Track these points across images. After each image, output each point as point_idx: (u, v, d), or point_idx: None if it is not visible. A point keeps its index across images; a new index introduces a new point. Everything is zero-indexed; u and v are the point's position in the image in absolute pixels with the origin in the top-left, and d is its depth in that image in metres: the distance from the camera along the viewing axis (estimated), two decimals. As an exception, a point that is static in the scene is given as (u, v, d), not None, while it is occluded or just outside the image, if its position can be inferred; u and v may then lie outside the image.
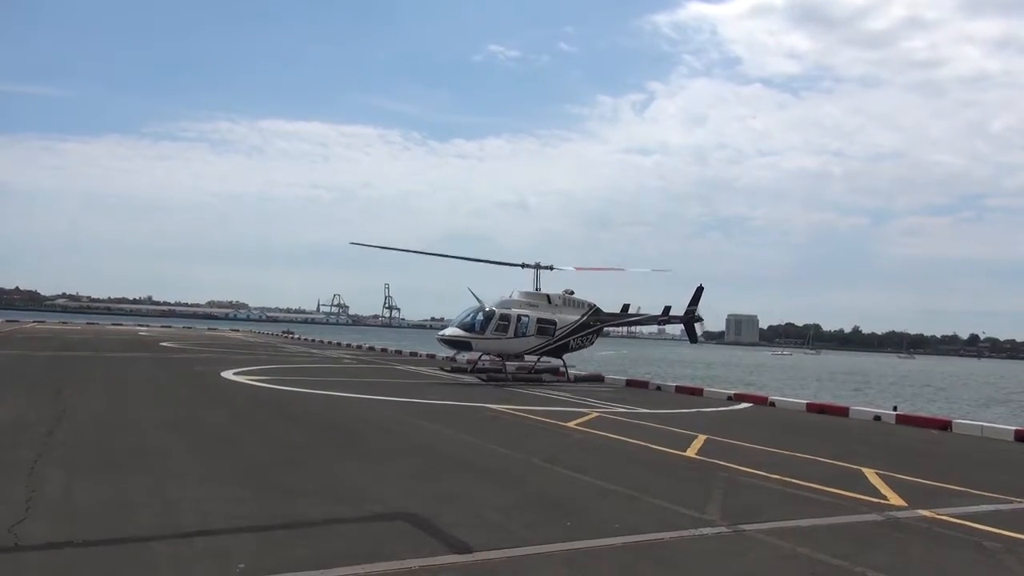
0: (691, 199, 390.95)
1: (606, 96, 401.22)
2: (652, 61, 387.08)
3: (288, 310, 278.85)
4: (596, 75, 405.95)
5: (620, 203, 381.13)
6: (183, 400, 17.98)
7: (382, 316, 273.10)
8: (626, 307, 31.76)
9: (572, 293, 29.79)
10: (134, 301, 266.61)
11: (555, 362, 29.85)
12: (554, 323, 28.31)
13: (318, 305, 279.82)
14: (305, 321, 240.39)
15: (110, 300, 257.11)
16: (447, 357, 30.44)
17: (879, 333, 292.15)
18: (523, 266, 29.44)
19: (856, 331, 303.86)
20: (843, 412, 22.05)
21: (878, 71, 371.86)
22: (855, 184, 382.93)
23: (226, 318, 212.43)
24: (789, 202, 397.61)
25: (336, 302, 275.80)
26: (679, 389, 28.16)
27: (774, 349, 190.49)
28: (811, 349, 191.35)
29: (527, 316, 27.63)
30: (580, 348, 30.01)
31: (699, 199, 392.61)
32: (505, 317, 27.13)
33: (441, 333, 27.79)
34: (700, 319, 32.62)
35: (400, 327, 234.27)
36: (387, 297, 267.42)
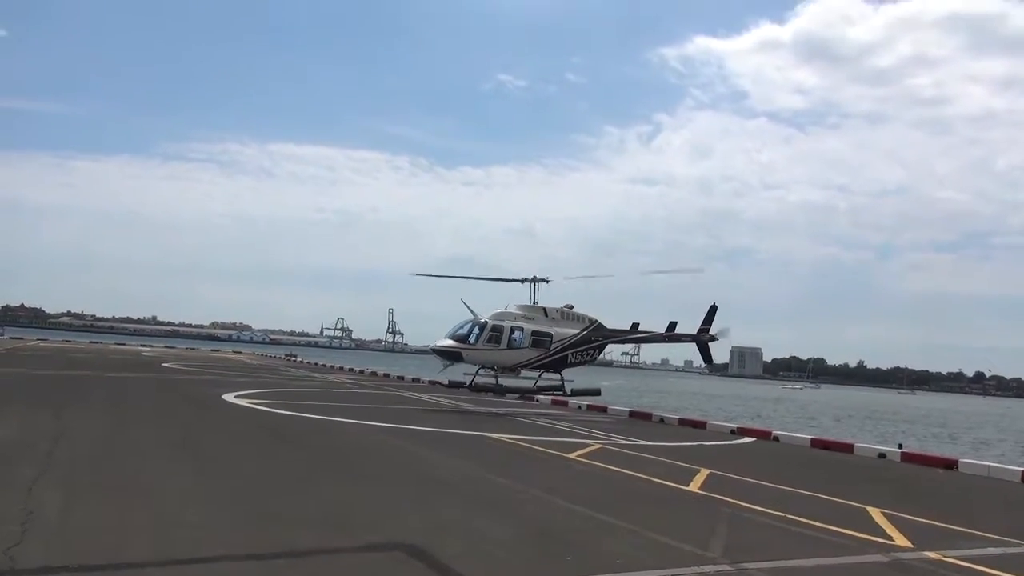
0: (696, 230, 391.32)
1: (613, 127, 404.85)
2: (659, 93, 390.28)
3: (292, 333, 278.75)
4: (603, 106, 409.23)
5: (626, 232, 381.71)
6: (183, 422, 17.92)
7: (385, 341, 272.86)
8: (635, 326, 30.87)
9: (572, 307, 29.33)
10: (138, 321, 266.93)
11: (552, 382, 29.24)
12: (550, 336, 27.91)
13: (322, 329, 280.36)
14: (308, 344, 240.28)
15: (114, 319, 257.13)
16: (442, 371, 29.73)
17: (884, 368, 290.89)
18: (522, 281, 29.01)
19: (861, 365, 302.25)
20: (848, 448, 21.85)
21: (884, 107, 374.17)
22: (860, 219, 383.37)
23: (230, 340, 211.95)
24: (794, 235, 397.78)
25: (340, 326, 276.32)
26: (682, 422, 27.96)
27: (784, 383, 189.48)
28: (810, 383, 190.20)
29: (521, 328, 27.34)
30: (580, 364, 29.33)
31: (704, 230, 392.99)
32: (497, 329, 26.90)
33: (433, 344, 27.48)
34: (715, 338, 31.36)
35: (403, 352, 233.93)
36: (391, 322, 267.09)
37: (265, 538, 7.85)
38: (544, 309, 28.60)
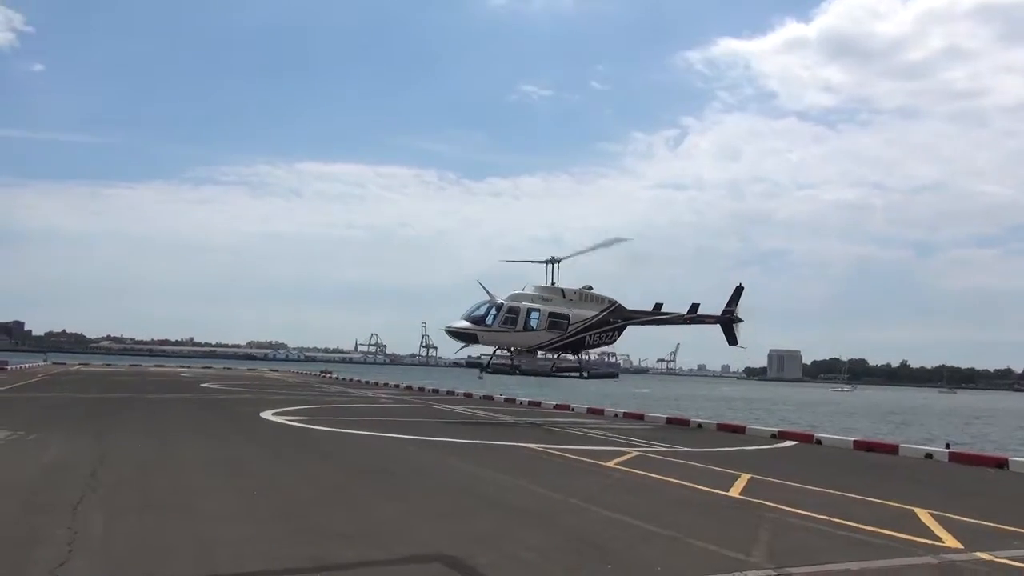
0: (728, 233, 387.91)
1: (639, 132, 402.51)
2: (685, 97, 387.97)
3: (326, 350, 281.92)
4: (629, 112, 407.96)
5: (655, 238, 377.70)
6: (223, 441, 18.15)
7: (419, 355, 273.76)
8: (658, 306, 30.03)
9: (591, 288, 28.94)
10: (176, 343, 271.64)
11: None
12: (567, 318, 27.63)
13: (356, 345, 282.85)
14: (343, 361, 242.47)
15: (153, 342, 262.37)
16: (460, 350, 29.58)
17: (928, 367, 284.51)
18: (545, 263, 28.51)
19: (904, 365, 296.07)
20: (893, 449, 21.41)
21: (917, 102, 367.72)
22: (896, 216, 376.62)
23: (265, 358, 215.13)
24: (829, 235, 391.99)
25: (373, 341, 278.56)
26: (721, 427, 27.64)
27: (834, 385, 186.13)
28: (846, 385, 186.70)
29: (538, 310, 27.17)
30: (598, 345, 29.13)
31: (736, 233, 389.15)
32: (513, 310, 26.80)
33: (448, 325, 27.32)
34: (740, 320, 30.48)
35: (437, 366, 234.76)
36: (424, 336, 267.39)
37: (304, 552, 7.91)
38: (562, 290, 28.28)
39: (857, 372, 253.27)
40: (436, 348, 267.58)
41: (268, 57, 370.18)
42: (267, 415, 25.03)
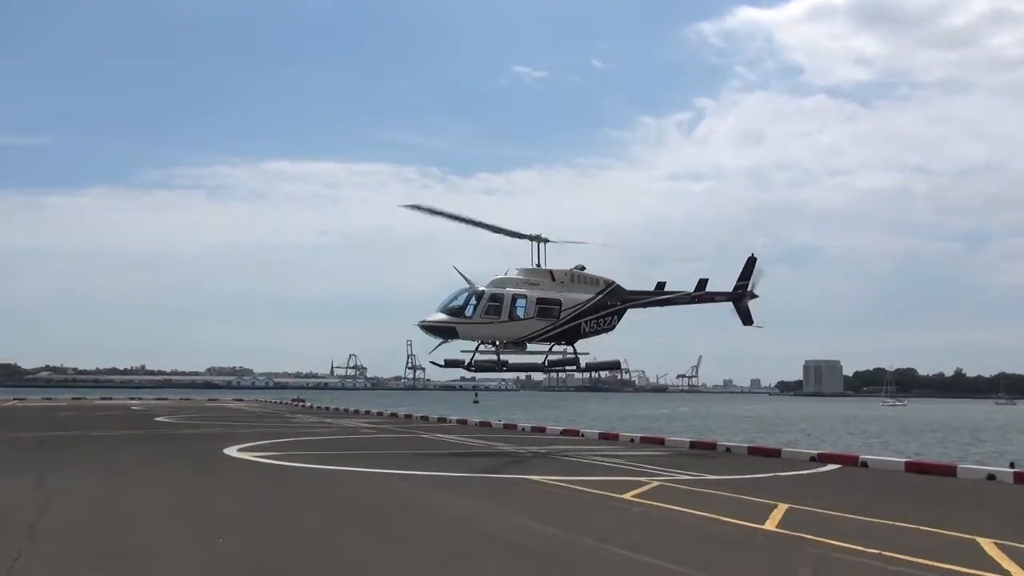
0: (751, 228, 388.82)
1: (648, 117, 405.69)
2: (699, 75, 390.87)
3: (298, 375, 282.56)
4: (636, 94, 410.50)
5: (670, 235, 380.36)
6: (182, 482, 18.10)
7: (405, 378, 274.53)
8: (661, 285, 30.12)
9: (583, 268, 29.16)
10: (125, 371, 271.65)
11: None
12: (559, 303, 27.76)
13: (332, 367, 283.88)
14: (318, 387, 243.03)
15: (99, 371, 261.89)
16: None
17: (986, 376, 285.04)
18: (530, 239, 28.29)
19: (959, 375, 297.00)
20: (950, 471, 21.45)
21: (962, 73, 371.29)
22: (943, 203, 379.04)
23: (229, 386, 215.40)
24: (866, 227, 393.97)
25: (352, 363, 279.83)
26: (752, 450, 27.67)
27: (885, 399, 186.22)
28: (895, 399, 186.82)
29: (524, 296, 27.25)
30: (597, 333, 29.16)
31: (761, 228, 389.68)
32: (496, 298, 26.81)
33: (422, 319, 27.24)
34: (755, 295, 30.56)
35: (426, 389, 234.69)
36: (410, 356, 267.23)
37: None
38: (551, 272, 28.34)
39: (905, 383, 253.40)
40: (424, 369, 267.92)
41: (224, 41, 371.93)
42: (232, 451, 24.98)
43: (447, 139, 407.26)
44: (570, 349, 29.00)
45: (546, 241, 28.33)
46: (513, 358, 28.76)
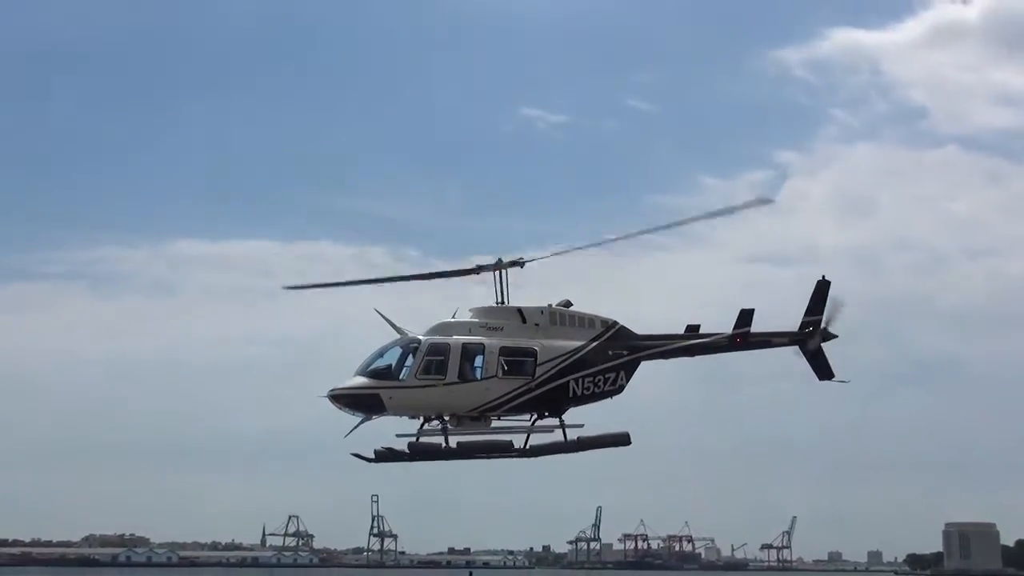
0: (862, 332, 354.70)
1: (711, 177, 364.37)
2: (782, 120, 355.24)
3: (215, 545, 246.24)
4: (692, 145, 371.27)
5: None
6: None
7: (368, 549, 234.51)
8: (693, 328, 25.59)
9: (569, 304, 24.89)
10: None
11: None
12: (533, 354, 22.97)
13: (264, 536, 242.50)
14: (243, 563, 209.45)
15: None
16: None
17: None
18: (476, 271, 24.33)
19: None
20: None
21: None
22: None
23: (114, 563, 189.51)
24: None
25: (293, 529, 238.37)
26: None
27: None
28: None
29: (481, 345, 22.70)
30: (596, 396, 23.95)
31: (873, 330, 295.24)
32: (438, 350, 22.28)
33: (332, 388, 22.74)
34: (831, 335, 26.45)
35: (398, 566, 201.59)
36: (376, 517, 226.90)
37: None
38: (519, 311, 23.97)
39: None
40: (395, 537, 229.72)
41: (117, 67, 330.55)
42: None
43: (429, 206, 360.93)
44: (555, 421, 24.03)
45: (514, 264, 23.63)
46: (468, 438, 23.36)
